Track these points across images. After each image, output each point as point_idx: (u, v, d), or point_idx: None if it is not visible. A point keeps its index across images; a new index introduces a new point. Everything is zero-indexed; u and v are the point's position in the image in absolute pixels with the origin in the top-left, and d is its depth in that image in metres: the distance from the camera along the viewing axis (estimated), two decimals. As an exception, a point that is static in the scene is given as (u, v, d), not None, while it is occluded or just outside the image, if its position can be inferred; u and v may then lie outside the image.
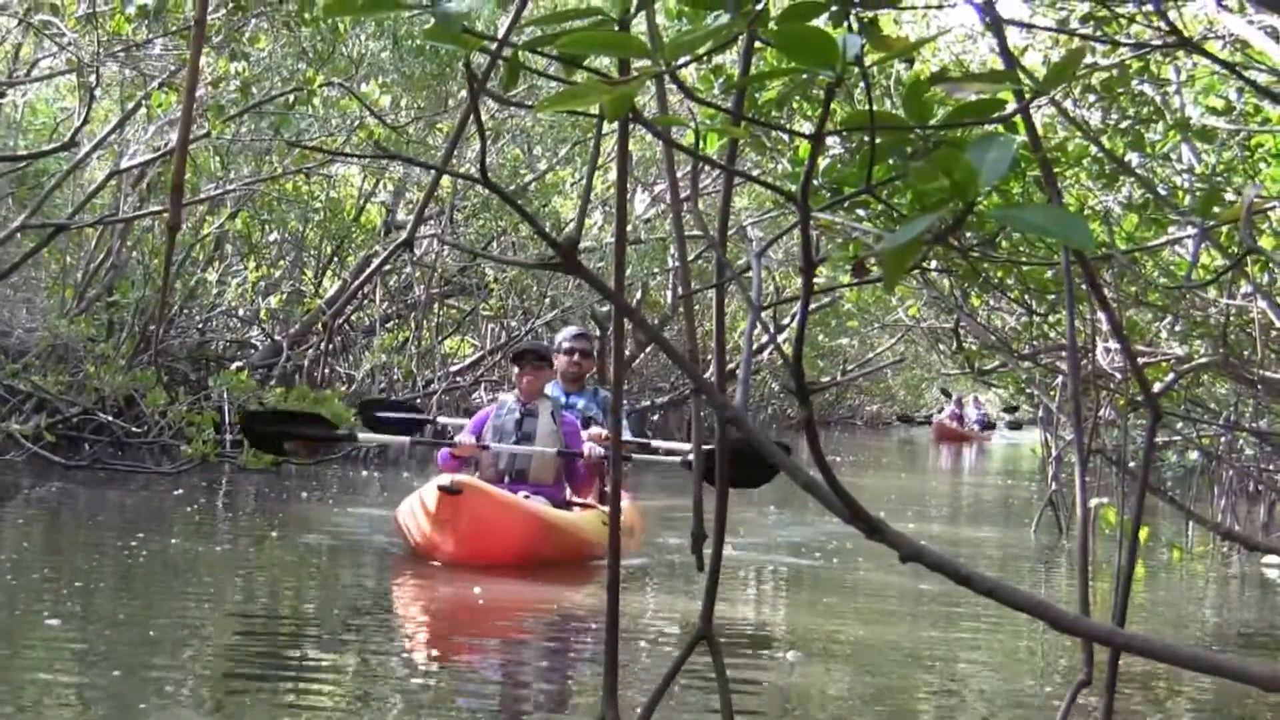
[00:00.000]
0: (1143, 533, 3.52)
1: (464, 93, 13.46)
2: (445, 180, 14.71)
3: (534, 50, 1.94)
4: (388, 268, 17.02)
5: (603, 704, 3.08)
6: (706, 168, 10.02)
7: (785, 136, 6.45)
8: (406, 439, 11.21)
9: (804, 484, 2.02)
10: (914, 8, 8.86)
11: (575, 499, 10.32)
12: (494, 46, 1.96)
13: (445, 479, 8.99)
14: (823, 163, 4.38)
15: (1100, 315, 6.53)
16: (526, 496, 9.57)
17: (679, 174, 3.85)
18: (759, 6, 1.83)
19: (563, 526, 9.60)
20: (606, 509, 9.78)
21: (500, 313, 19.64)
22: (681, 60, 1.79)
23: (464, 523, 8.93)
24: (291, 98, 11.53)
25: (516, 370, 10.19)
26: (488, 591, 8.49)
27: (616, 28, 1.88)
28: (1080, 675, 3.13)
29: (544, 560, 9.22)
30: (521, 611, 8.32)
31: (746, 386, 2.34)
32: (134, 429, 14.09)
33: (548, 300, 18.86)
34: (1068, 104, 6.16)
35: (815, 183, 3.71)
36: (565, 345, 11.07)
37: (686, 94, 1.84)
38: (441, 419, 13.26)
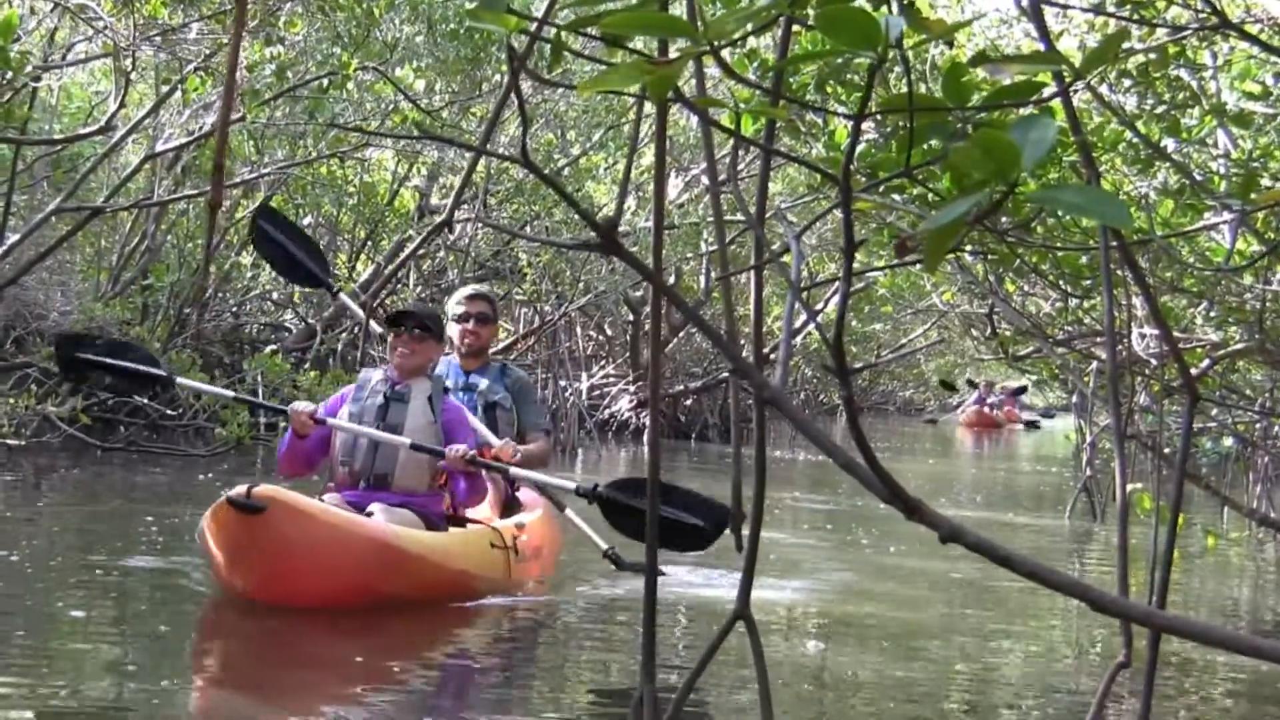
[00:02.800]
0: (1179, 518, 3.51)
1: (498, 76, 13.48)
2: (479, 165, 14.72)
3: (573, 31, 1.95)
4: (421, 251, 17.04)
5: (640, 678, 3.10)
6: (742, 151, 9.92)
7: (819, 120, 6.44)
8: (230, 393, 8.89)
9: (843, 464, 2.03)
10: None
11: (467, 513, 7.87)
12: (535, 27, 1.97)
13: (241, 489, 6.49)
14: (858, 147, 4.38)
15: (1136, 300, 6.52)
16: (369, 514, 7.07)
17: (715, 157, 3.85)
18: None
19: (422, 555, 7.04)
20: (503, 525, 7.80)
21: (534, 297, 19.66)
22: (723, 41, 1.79)
23: (264, 552, 6.50)
24: (326, 82, 11.56)
25: (391, 337, 7.76)
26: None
27: (657, 9, 1.89)
28: (1119, 658, 3.13)
29: (391, 599, 6.92)
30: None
31: (786, 367, 2.35)
32: (169, 412, 14.17)
33: (581, 284, 18.88)
34: (1103, 89, 6.13)
35: (852, 166, 3.71)
36: (458, 310, 8.57)
37: (729, 73, 1.85)
38: (186, 380, 8.64)
